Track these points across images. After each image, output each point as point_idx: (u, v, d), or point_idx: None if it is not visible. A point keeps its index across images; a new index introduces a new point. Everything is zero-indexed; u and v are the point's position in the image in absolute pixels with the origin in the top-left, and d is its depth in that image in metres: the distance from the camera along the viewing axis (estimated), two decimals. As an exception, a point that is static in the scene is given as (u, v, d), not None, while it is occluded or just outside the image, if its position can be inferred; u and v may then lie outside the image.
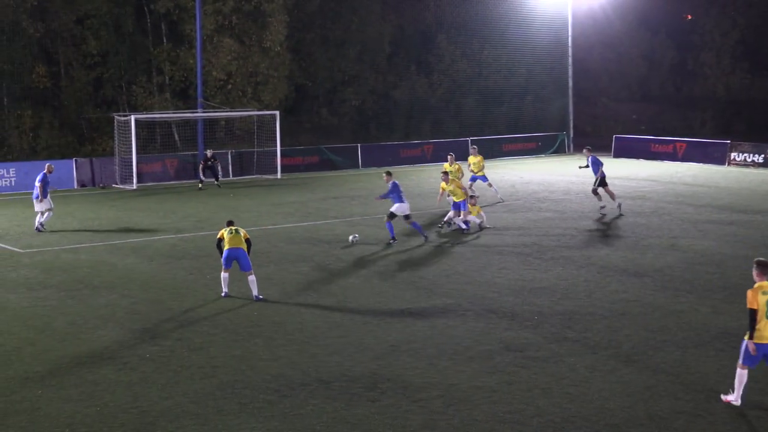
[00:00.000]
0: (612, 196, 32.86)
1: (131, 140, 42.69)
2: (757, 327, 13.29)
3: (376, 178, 42.86)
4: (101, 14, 52.89)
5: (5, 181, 41.32)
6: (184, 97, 55.52)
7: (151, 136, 49.87)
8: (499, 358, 16.09)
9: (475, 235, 28.24)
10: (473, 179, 35.70)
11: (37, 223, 30.14)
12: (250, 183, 44.57)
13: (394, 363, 15.85)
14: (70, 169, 42.86)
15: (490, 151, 54.95)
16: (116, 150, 44.54)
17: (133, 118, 43.05)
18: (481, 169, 35.94)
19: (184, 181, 44.59)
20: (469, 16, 66.32)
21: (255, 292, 20.43)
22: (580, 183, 41.51)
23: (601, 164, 33.08)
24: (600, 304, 19.84)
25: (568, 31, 59.86)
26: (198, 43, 47.38)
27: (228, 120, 53.54)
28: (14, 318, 19.25)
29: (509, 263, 24.14)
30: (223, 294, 20.66)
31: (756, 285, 13.51)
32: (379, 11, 66.24)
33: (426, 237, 27.39)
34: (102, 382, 15.07)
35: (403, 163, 51.15)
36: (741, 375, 13.59)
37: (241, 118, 52.66)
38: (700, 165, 49.31)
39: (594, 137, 64.15)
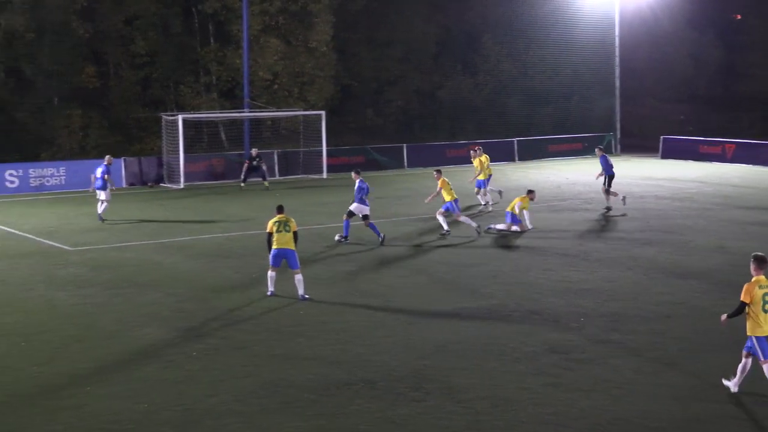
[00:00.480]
0: (608, 197, 33.19)
1: (179, 140, 43.01)
2: (758, 320, 13.71)
3: (422, 179, 42.87)
4: (149, 15, 53.46)
5: (55, 179, 41.81)
6: (231, 97, 55.89)
7: (198, 135, 50.25)
8: (543, 360, 16.04)
9: (511, 237, 28.12)
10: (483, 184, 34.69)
11: (100, 212, 31.77)
12: (296, 183, 44.73)
13: (438, 363, 15.85)
14: (119, 168, 43.28)
15: (537, 152, 54.81)
16: (164, 149, 44.93)
17: (180, 117, 43.35)
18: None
19: (231, 181, 44.77)
20: (515, 15, 66.02)
21: (301, 291, 20.46)
22: (625, 184, 41.23)
23: (611, 165, 33.61)
24: (645, 306, 19.70)
25: (615, 31, 59.45)
26: (245, 44, 47.63)
27: (274, 120, 53.81)
28: (62, 315, 19.51)
29: (554, 264, 24.03)
30: (269, 293, 20.73)
31: (753, 279, 13.90)
32: (425, 11, 66.20)
33: (382, 238, 27.05)
34: (148, 379, 15.22)
35: (449, 163, 51.01)
36: (744, 366, 14.13)
37: (287, 117, 52.89)
38: (749, 166, 48.69)
39: (641, 138, 63.64)
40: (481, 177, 34.28)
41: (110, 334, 18.02)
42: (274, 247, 20.27)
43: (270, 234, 20.40)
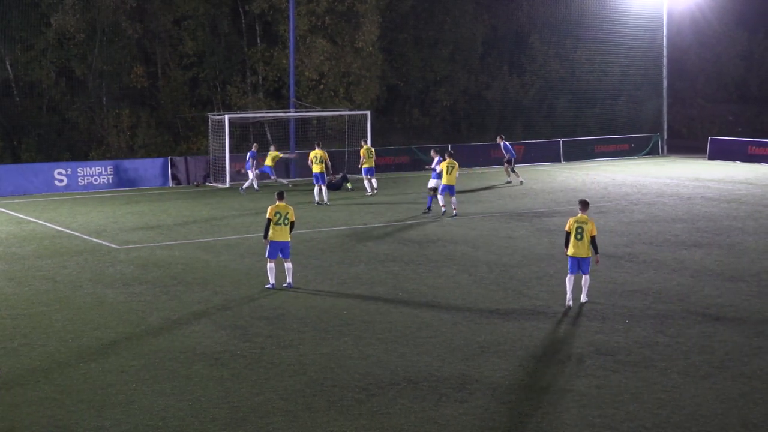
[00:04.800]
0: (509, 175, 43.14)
1: (225, 139, 43.29)
2: (572, 244, 19.18)
3: (466, 179, 42.76)
4: (198, 15, 53.83)
5: (103, 178, 42.23)
6: (277, 97, 56.19)
7: (244, 135, 50.52)
8: (589, 362, 15.95)
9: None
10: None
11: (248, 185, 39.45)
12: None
13: (483, 364, 15.83)
14: (166, 167, 43.65)
15: (583, 153, 54.50)
16: (210, 149, 45.22)
17: (226, 117, 43.65)
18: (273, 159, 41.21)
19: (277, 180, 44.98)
20: (563, 16, 65.74)
21: (289, 279, 21.35)
22: (674, 185, 40.93)
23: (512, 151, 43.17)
24: (693, 308, 19.52)
25: (663, 31, 58.98)
26: (291, 44, 47.82)
27: (319, 120, 53.94)
28: (111, 312, 19.71)
29: (600, 266, 23.77)
30: (268, 286, 21.24)
31: (577, 216, 19.28)
32: (472, 11, 66.05)
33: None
34: (194, 377, 15.34)
35: (494, 164, 50.95)
36: (568, 280, 19.45)
37: (332, 117, 53.01)
38: (800, 168, 48.11)
39: (689, 139, 63.14)
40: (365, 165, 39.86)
41: (158, 331, 18.19)
42: (271, 238, 20.99)
43: (269, 220, 21.02)
